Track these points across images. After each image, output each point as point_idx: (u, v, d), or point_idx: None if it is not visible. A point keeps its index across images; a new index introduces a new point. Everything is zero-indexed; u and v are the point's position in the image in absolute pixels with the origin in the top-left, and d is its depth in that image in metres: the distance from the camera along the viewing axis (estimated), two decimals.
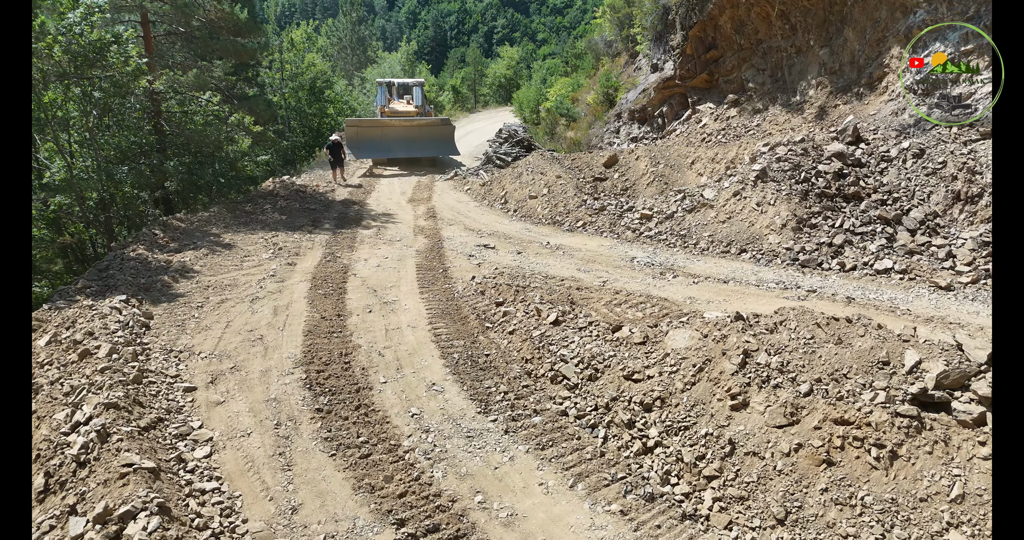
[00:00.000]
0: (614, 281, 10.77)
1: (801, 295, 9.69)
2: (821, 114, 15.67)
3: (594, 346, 7.98)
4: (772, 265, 11.22)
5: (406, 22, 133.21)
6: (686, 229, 12.94)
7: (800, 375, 6.32)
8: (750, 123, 17.17)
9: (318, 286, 10.62)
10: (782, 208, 12.03)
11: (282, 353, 8.31)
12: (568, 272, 11.33)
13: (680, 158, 16.17)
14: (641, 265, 11.57)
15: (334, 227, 14.82)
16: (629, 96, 21.76)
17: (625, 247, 12.86)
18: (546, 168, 16.99)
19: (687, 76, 18.98)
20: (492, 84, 55.15)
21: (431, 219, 15.68)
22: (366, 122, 22.61)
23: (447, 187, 19.51)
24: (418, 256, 12.55)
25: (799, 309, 7.28)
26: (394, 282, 11.05)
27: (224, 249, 12.61)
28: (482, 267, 11.79)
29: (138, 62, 12.94)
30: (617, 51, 28.18)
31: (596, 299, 9.87)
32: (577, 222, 14.62)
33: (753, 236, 12.01)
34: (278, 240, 13.24)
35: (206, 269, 11.44)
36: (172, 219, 14.14)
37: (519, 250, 12.83)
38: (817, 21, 16.36)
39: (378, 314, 9.66)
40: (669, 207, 13.68)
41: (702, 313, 8.80)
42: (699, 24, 18.35)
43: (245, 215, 15.65)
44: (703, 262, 11.65)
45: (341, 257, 12.41)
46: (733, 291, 10.06)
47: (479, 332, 9.09)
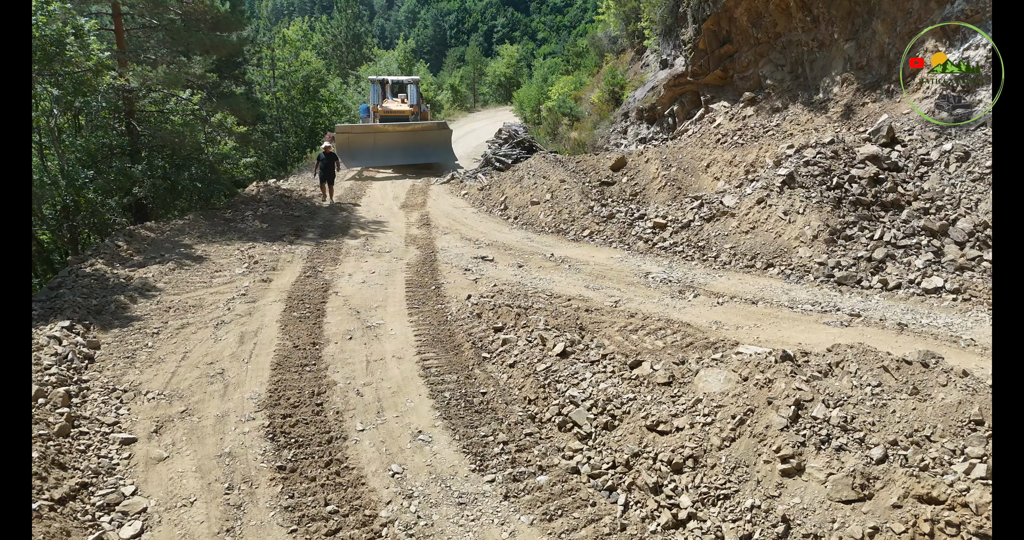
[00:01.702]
0: (628, 301, 9.57)
1: (844, 320, 8.47)
2: (848, 113, 14.46)
3: (609, 386, 6.77)
4: (804, 282, 10.01)
5: (405, 21, 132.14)
6: (705, 240, 11.73)
7: (870, 435, 5.11)
8: (768, 123, 15.96)
9: (294, 307, 9.41)
10: (812, 217, 10.83)
11: (244, 392, 7.10)
12: (575, 290, 10.13)
13: (694, 161, 14.96)
14: (657, 282, 10.36)
15: (318, 237, 13.60)
16: (637, 94, 20.54)
17: (637, 260, 11.65)
18: (549, 172, 15.78)
19: (700, 73, 17.76)
20: (492, 83, 53.93)
21: (425, 227, 14.48)
22: (358, 128, 21.33)
23: (443, 191, 18.31)
24: (409, 270, 11.35)
25: (858, 347, 6.07)
26: (380, 302, 9.84)
27: (194, 263, 11.40)
28: (479, 283, 10.59)
29: (99, 56, 11.71)
30: (622, 47, 26.98)
31: (608, 324, 8.67)
32: (583, 231, 13.42)
33: (781, 249, 10.80)
34: (255, 252, 12.03)
35: (170, 287, 10.23)
36: (141, 228, 12.93)
37: (520, 263, 11.63)
38: (842, 13, 15.15)
39: (359, 341, 8.45)
40: (685, 215, 12.47)
41: (736, 345, 7.59)
42: (713, 17, 17.13)
43: (223, 223, 14.44)
44: (726, 278, 10.45)
45: (323, 272, 11.20)
46: (764, 314, 8.85)
47: (475, 364, 7.88)
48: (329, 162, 16.79)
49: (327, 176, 16.85)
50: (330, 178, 16.96)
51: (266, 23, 30.35)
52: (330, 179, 16.99)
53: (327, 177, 16.87)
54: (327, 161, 16.78)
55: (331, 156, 16.92)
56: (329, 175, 16.86)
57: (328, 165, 16.80)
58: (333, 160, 16.95)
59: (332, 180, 17.07)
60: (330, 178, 16.96)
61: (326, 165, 16.77)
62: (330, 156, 16.86)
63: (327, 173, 16.81)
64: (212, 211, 15.24)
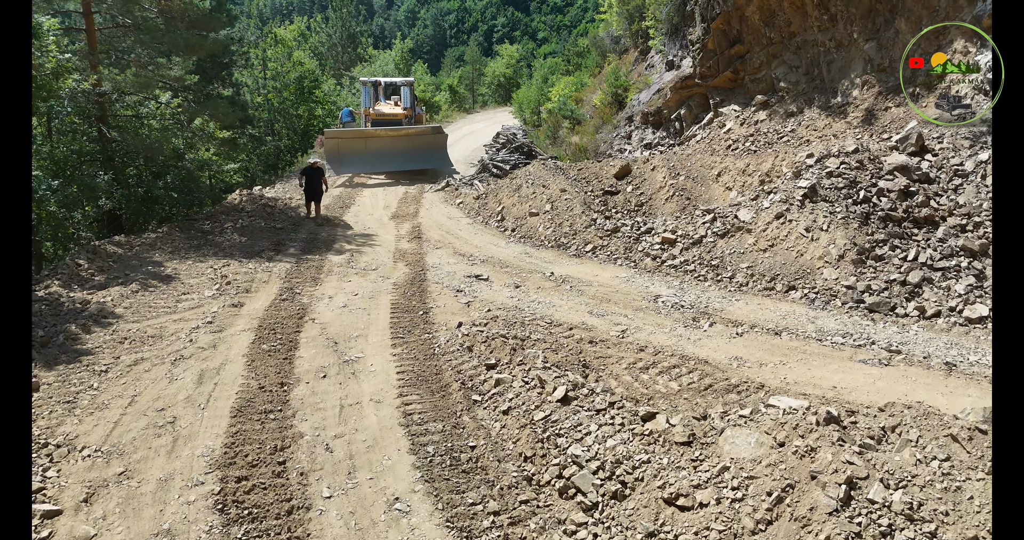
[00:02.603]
0: (636, 330, 8.60)
1: (882, 357, 7.51)
2: (869, 118, 13.49)
3: (618, 443, 5.81)
4: (831, 308, 9.05)
5: (405, 20, 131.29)
6: (718, 258, 10.77)
7: (943, 529, 4.15)
8: (782, 128, 15.00)
9: (264, 338, 8.44)
10: (838, 235, 9.87)
11: (195, 447, 6.14)
12: (578, 316, 9.16)
13: (704, 169, 13.99)
14: (668, 307, 9.39)
15: (300, 252, 12.63)
16: (641, 97, 19.56)
17: (645, 280, 10.69)
18: (549, 180, 14.82)
19: (708, 74, 16.80)
20: (491, 83, 52.92)
21: (415, 240, 13.51)
22: (347, 133, 20.24)
23: (437, 200, 17.34)
24: (395, 292, 10.38)
25: (917, 408, 5.10)
26: (361, 329, 8.88)
27: (161, 283, 10.44)
28: (472, 308, 9.63)
29: (59, 58, 10.74)
30: (625, 47, 26.00)
31: (615, 359, 7.71)
32: (586, 246, 12.45)
33: (803, 269, 9.84)
34: (229, 271, 11.06)
35: (130, 313, 9.27)
36: (107, 243, 11.97)
37: (517, 283, 10.67)
38: (861, 11, 14.18)
39: (334, 380, 7.49)
40: (696, 230, 11.50)
41: (762, 390, 6.64)
42: (723, 15, 16.17)
43: (200, 236, 13.47)
44: (743, 303, 9.48)
45: (301, 294, 10.23)
46: (790, 349, 7.88)
47: (463, 409, 6.92)
48: (315, 178, 14.62)
49: (313, 194, 14.74)
50: (316, 196, 14.82)
51: (257, 22, 29.22)
52: (316, 197, 14.84)
53: (313, 195, 14.77)
54: (313, 177, 14.59)
55: (318, 171, 14.71)
56: (315, 193, 14.74)
57: (314, 181, 14.60)
58: (320, 175, 14.76)
59: (319, 198, 14.93)
60: (316, 196, 14.82)
61: (311, 181, 14.57)
62: (316, 171, 14.67)
63: (313, 191, 14.68)
64: (190, 222, 14.28)
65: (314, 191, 14.72)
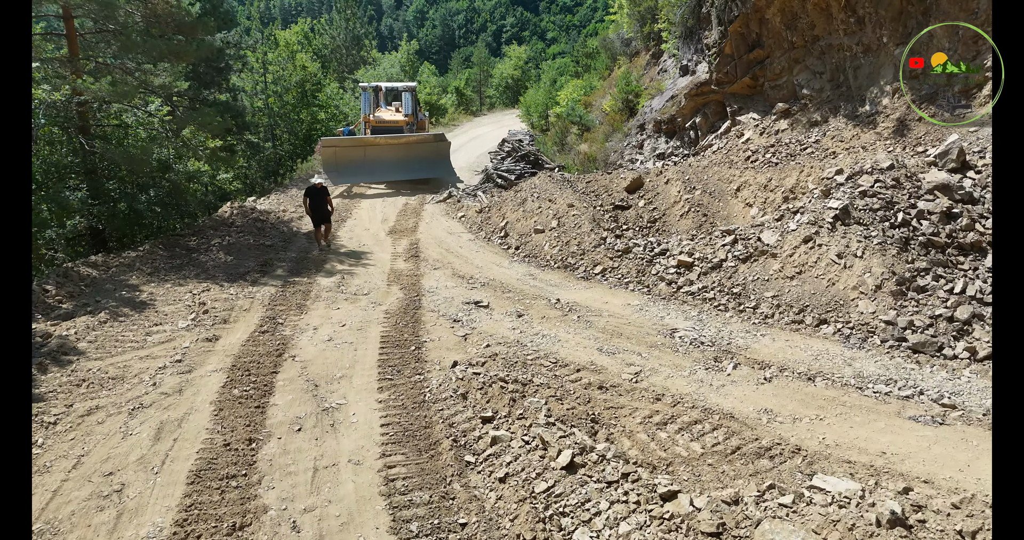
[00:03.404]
0: (651, 373, 7.70)
1: (935, 413, 6.57)
2: (901, 129, 12.52)
3: (633, 528, 4.93)
4: (869, 347, 8.11)
5: (414, 21, 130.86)
6: (740, 285, 9.84)
7: None
8: (806, 139, 14.03)
9: (236, 380, 7.60)
10: (874, 262, 8.92)
11: (141, 526, 5.30)
12: (586, 354, 8.27)
13: (722, 183, 13.07)
14: (686, 343, 8.47)
15: (287, 274, 11.80)
16: (654, 104, 18.61)
17: (659, 308, 9.78)
18: (555, 193, 13.93)
19: (725, 80, 15.85)
20: (499, 85, 52.06)
21: (412, 259, 12.65)
22: (345, 141, 19.38)
23: (438, 212, 16.48)
24: (387, 321, 9.52)
25: None
26: (346, 369, 8.02)
27: (133, 312, 9.63)
28: (469, 342, 8.76)
29: None
30: (636, 50, 25.05)
31: (629, 411, 6.81)
32: (594, 267, 11.56)
33: (835, 300, 8.90)
34: (208, 297, 10.24)
35: (94, 348, 8.45)
36: (82, 265, 11.19)
37: (520, 311, 9.79)
38: (892, 13, 13.19)
39: (310, 435, 6.64)
40: (715, 252, 10.58)
41: (798, 456, 5.72)
42: (741, 18, 15.22)
43: (184, 254, 12.67)
44: (770, 338, 8.55)
45: (283, 324, 9.39)
46: (827, 400, 6.95)
47: (454, 475, 6.04)
48: (320, 200, 13.41)
49: (320, 216, 13.47)
50: (324, 218, 13.54)
51: (258, 25, 28.47)
52: (324, 219, 13.56)
53: (320, 218, 13.48)
54: (318, 198, 13.36)
55: (322, 192, 13.43)
56: (322, 215, 13.48)
57: (319, 203, 13.42)
58: (325, 195, 13.50)
59: (328, 220, 13.66)
60: (324, 218, 13.54)
61: (316, 203, 13.41)
62: (320, 192, 13.40)
63: (319, 213, 13.45)
64: (175, 238, 13.49)
65: (322, 214, 13.47)
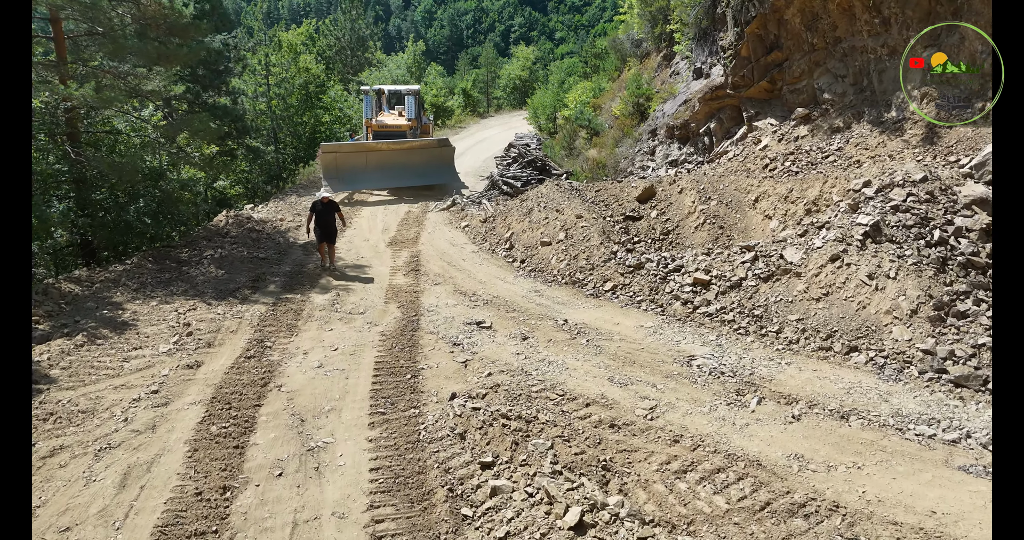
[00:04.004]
0: (668, 408, 7.03)
1: (987, 463, 5.88)
2: (930, 137, 11.79)
3: None
4: (906, 379, 7.42)
5: (422, 21, 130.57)
6: (761, 307, 9.16)
7: None
8: (827, 146, 13.32)
9: (216, 415, 7.00)
10: (908, 284, 8.23)
11: None
12: (596, 385, 7.61)
13: (738, 193, 12.38)
14: (705, 373, 7.80)
15: (280, 289, 11.21)
16: (666, 108, 17.91)
17: (674, 331, 9.11)
18: (563, 203, 13.27)
19: (742, 84, 15.14)
20: (506, 86, 51.37)
21: (413, 274, 12.03)
22: (346, 147, 18.73)
23: (441, 221, 15.85)
24: (382, 345, 8.90)
25: None
26: (335, 401, 7.41)
27: (113, 333, 9.06)
28: (469, 369, 8.13)
29: None
30: (647, 51, 24.34)
31: (644, 456, 6.16)
32: (604, 283, 10.90)
33: (867, 326, 8.21)
34: (193, 317, 9.65)
35: (67, 375, 7.88)
36: (64, 280, 10.64)
37: (525, 333, 9.15)
38: (920, 14, 12.45)
39: (291, 480, 6.02)
40: (734, 270, 9.90)
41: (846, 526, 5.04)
42: (758, 18, 14.51)
43: (174, 267, 12.10)
44: (796, 367, 7.87)
45: (272, 348, 8.79)
46: (864, 444, 6.27)
47: (449, 531, 5.40)
48: (328, 215, 12.16)
49: (326, 234, 12.21)
50: (330, 236, 12.30)
51: (261, 26, 27.98)
52: (330, 238, 12.31)
53: (326, 235, 12.22)
54: (325, 213, 12.12)
55: (330, 207, 12.22)
56: (329, 233, 12.24)
57: (326, 219, 12.13)
58: (334, 211, 12.25)
59: (333, 239, 12.43)
60: (330, 236, 12.30)
61: (324, 219, 12.11)
62: (328, 207, 12.18)
63: (326, 230, 12.18)
64: (166, 250, 12.93)
65: (328, 232, 12.23)
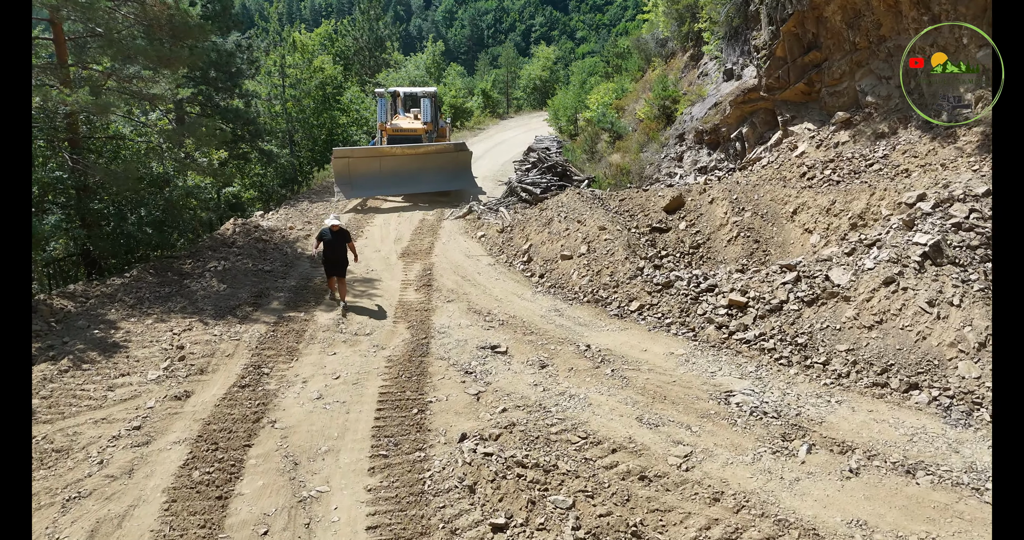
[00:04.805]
0: (705, 457, 6.22)
1: None
2: (987, 143, 10.79)
3: None
4: (976, 423, 6.53)
5: (443, 21, 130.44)
6: (806, 334, 8.29)
7: None
8: (871, 153, 12.36)
9: (200, 457, 6.32)
10: (975, 313, 7.32)
11: None
12: (623, 426, 6.82)
13: (775, 204, 11.50)
14: (745, 413, 6.97)
15: (283, 306, 10.55)
16: (694, 111, 17.02)
17: (708, 360, 8.28)
18: (585, 214, 12.48)
19: (776, 86, 14.22)
20: (526, 86, 50.59)
21: (424, 289, 11.32)
22: (359, 152, 18.11)
23: (456, 230, 15.14)
24: (388, 372, 8.19)
25: None
26: (334, 439, 6.70)
27: (101, 357, 8.45)
28: (482, 402, 7.38)
29: None
30: (672, 51, 23.42)
31: (678, 518, 5.36)
32: (630, 302, 10.09)
33: (928, 360, 7.31)
34: (188, 338, 9.02)
35: (46, 406, 7.27)
36: (57, 296, 10.09)
37: (543, 360, 8.39)
38: (975, 10, 11.44)
39: None
40: (773, 291, 9.03)
41: None
42: (795, 16, 13.58)
43: (175, 280, 11.51)
44: (848, 407, 7.01)
45: (270, 375, 8.11)
46: (937, 508, 5.40)
47: None
48: (338, 245, 10.21)
49: (335, 266, 10.28)
50: (340, 269, 10.30)
51: (276, 27, 27.53)
52: (340, 270, 10.32)
53: (336, 268, 10.28)
54: (334, 243, 10.16)
55: (341, 236, 10.28)
56: (339, 265, 10.27)
57: (335, 249, 10.19)
58: (344, 241, 10.32)
59: (343, 271, 10.38)
60: (340, 269, 10.30)
61: (333, 250, 10.19)
62: (339, 236, 10.24)
63: (336, 262, 10.25)
64: (168, 261, 12.36)
65: (338, 264, 10.28)
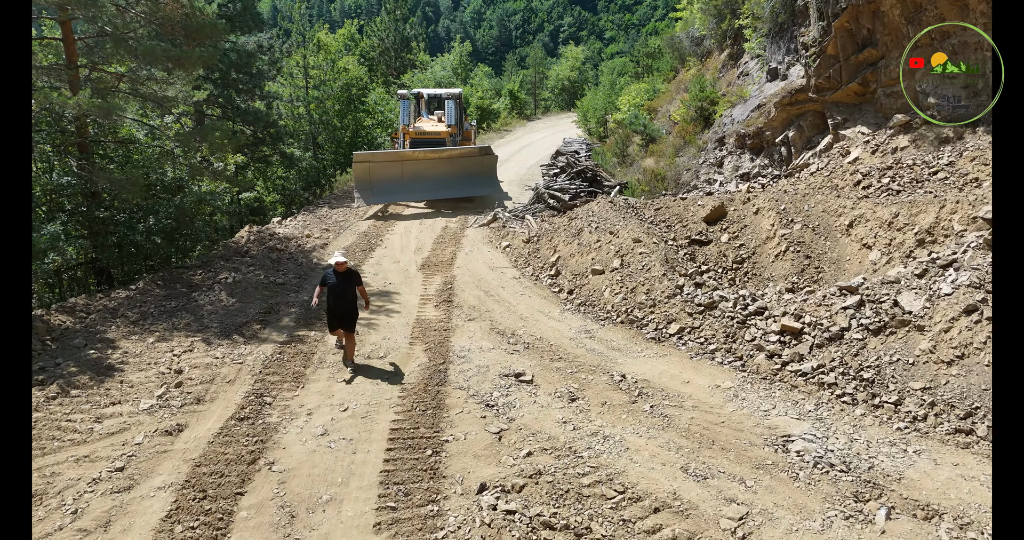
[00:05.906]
0: (765, 521, 5.31)
1: None
2: None
3: None
4: None
5: (471, 22, 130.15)
6: (873, 367, 7.31)
7: None
8: (935, 160, 11.26)
9: (185, 507, 5.60)
10: None
11: None
12: (665, 478, 5.93)
13: (828, 215, 10.50)
14: (808, 465, 6.03)
15: (293, 324, 9.86)
16: (735, 113, 15.99)
17: (760, 395, 7.35)
18: (618, 224, 11.59)
19: (826, 86, 13.15)
20: (554, 87, 49.73)
21: (444, 306, 10.54)
22: (380, 156, 17.43)
23: (480, 239, 14.34)
24: (401, 404, 7.41)
25: None
26: (337, 486, 5.94)
27: (93, 381, 7.82)
28: (504, 443, 6.57)
29: None
30: (708, 50, 22.35)
31: None
32: (668, 324, 9.19)
33: None
34: (187, 362, 8.35)
35: None
36: (57, 311, 9.52)
37: (573, 392, 7.54)
38: None
39: None
40: (832, 317, 8.05)
41: None
42: (849, 11, 12.52)
43: (183, 294, 10.91)
44: (930, 460, 6.03)
45: (272, 405, 7.40)
46: None
47: None
48: (345, 291, 8.08)
49: (343, 320, 8.13)
50: (348, 321, 8.13)
51: (298, 27, 27.12)
52: (347, 322, 8.14)
53: (342, 319, 8.13)
54: (341, 289, 8.05)
55: (348, 278, 8.12)
56: (346, 315, 8.13)
57: (342, 297, 8.07)
58: (353, 284, 8.16)
59: (352, 324, 8.19)
60: (348, 321, 8.13)
61: (339, 297, 8.07)
62: (347, 278, 8.10)
63: (342, 315, 8.13)
64: (178, 272, 11.77)
65: (345, 317, 8.13)
